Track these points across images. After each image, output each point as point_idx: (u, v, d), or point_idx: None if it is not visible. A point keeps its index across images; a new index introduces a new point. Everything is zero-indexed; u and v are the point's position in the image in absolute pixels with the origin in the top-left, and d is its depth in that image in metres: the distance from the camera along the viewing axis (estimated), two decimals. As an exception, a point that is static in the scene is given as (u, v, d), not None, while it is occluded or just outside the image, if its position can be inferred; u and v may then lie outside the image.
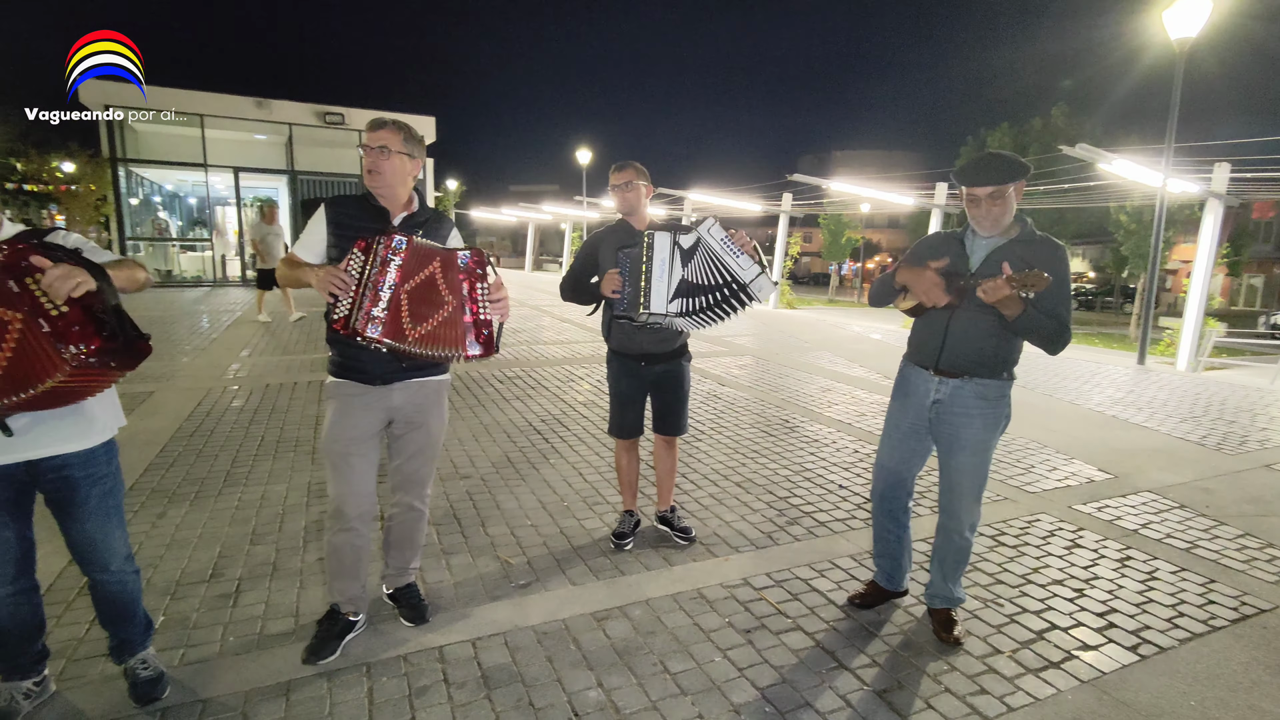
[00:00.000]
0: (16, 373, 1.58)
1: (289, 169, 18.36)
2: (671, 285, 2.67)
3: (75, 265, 1.63)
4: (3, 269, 1.58)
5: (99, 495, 1.94)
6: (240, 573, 2.83)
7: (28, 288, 1.58)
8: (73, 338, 1.58)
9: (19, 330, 1.58)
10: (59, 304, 1.58)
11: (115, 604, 2.05)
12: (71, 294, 1.59)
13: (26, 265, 1.59)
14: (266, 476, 3.93)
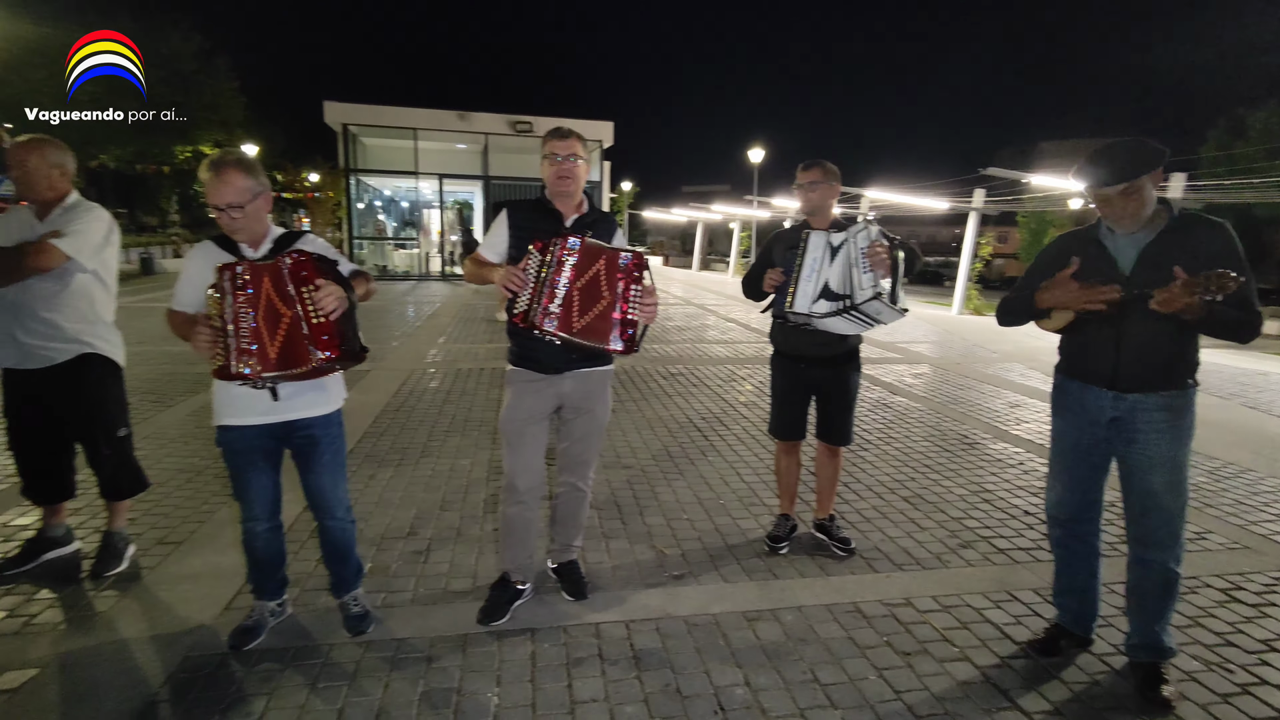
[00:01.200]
0: (286, 356, 1.98)
1: (483, 174, 20.18)
2: (818, 286, 2.62)
3: (337, 285, 2.00)
4: (289, 272, 1.95)
5: (331, 453, 2.31)
6: (431, 534, 3.20)
7: (300, 294, 1.96)
8: (321, 345, 1.96)
9: (287, 325, 1.96)
10: (319, 315, 1.95)
11: (336, 547, 2.42)
12: (330, 314, 1.96)
13: (305, 275, 1.96)
14: (455, 451, 4.38)
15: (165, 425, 4.83)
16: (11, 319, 2.56)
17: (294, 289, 1.96)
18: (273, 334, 2.00)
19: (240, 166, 2.08)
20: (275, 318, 1.99)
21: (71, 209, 2.64)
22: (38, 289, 2.55)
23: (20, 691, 2.08)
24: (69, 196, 2.66)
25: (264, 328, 2.00)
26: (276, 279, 1.99)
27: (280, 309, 1.97)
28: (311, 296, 1.96)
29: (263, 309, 2.00)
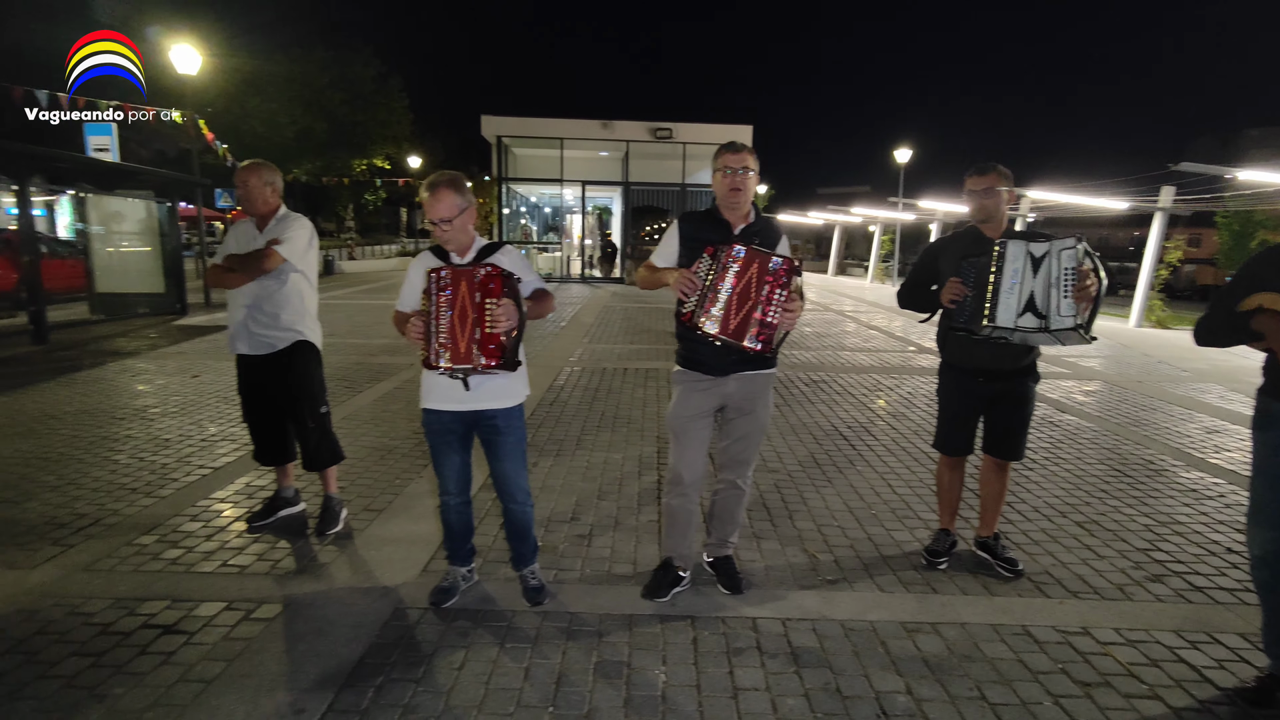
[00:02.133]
0: (470, 351, 2.27)
1: (623, 180, 20.83)
2: (1022, 299, 2.51)
3: (514, 307, 2.27)
4: (479, 282, 2.26)
5: (513, 442, 2.58)
6: (591, 520, 3.44)
7: (483, 304, 2.25)
8: (486, 353, 2.27)
9: (471, 325, 2.25)
10: (492, 327, 2.23)
11: (516, 526, 2.68)
12: (500, 333, 2.24)
13: (492, 288, 2.25)
14: (607, 445, 4.64)
15: (358, 408, 5.50)
16: (245, 313, 3.09)
17: (480, 297, 2.25)
18: (464, 331, 2.29)
19: (451, 186, 2.39)
20: (466, 317, 2.28)
21: (282, 219, 3.12)
22: (263, 287, 3.06)
23: (274, 620, 2.51)
24: (280, 209, 3.16)
25: (457, 325, 2.29)
26: (470, 284, 2.27)
27: (469, 311, 2.26)
28: (491, 311, 2.23)
29: (458, 309, 2.29)
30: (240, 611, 2.57)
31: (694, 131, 20.05)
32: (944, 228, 21.75)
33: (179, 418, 5.14)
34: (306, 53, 26.23)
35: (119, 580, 2.78)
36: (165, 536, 3.17)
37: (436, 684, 2.18)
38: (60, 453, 4.30)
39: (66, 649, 2.32)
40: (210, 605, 2.60)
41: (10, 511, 3.41)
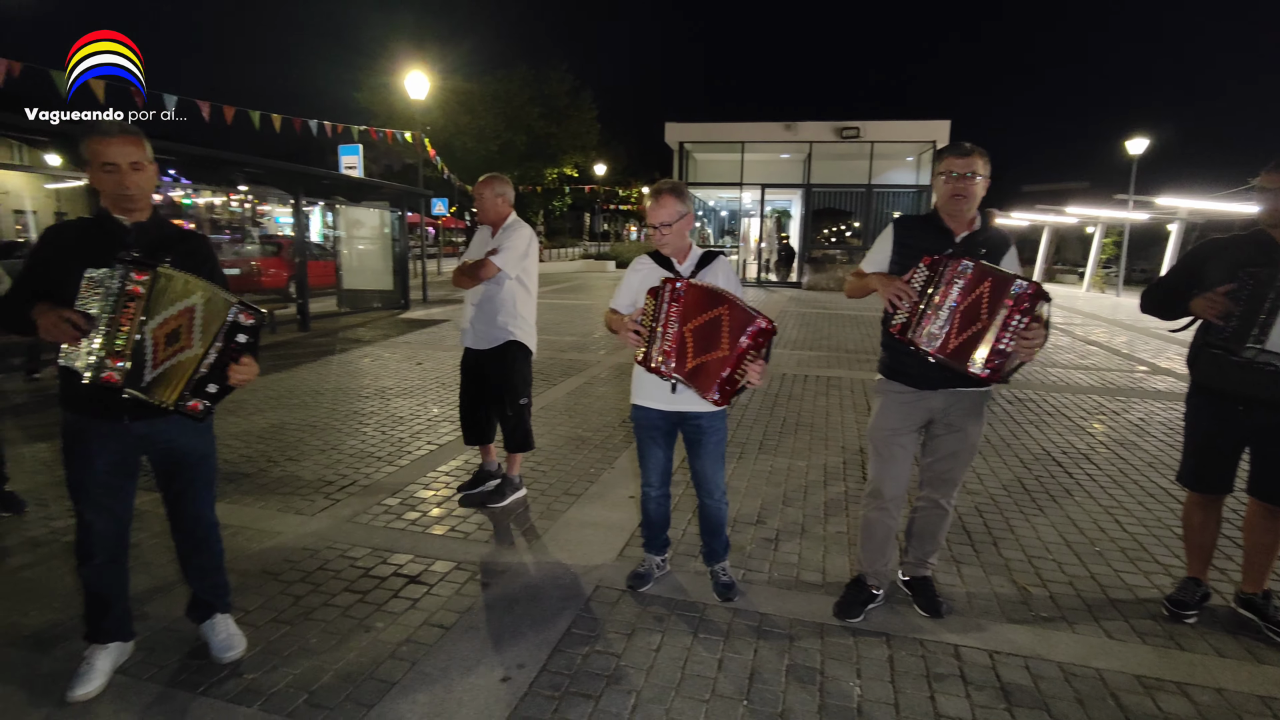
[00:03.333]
0: (699, 368, 2.36)
1: (804, 182, 20.34)
2: None
3: (765, 363, 2.32)
4: (720, 318, 2.33)
5: (714, 443, 2.67)
6: (777, 525, 3.45)
7: (718, 333, 2.31)
8: (721, 392, 2.32)
9: (703, 346, 2.34)
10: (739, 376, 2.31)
11: (712, 522, 2.77)
12: (740, 382, 2.32)
13: (747, 339, 2.29)
14: (789, 451, 4.61)
15: (553, 400, 5.97)
16: (473, 311, 3.52)
17: (714, 328, 2.33)
18: (693, 350, 2.37)
19: (674, 193, 2.53)
20: (701, 332, 2.35)
21: (508, 228, 3.49)
22: (486, 290, 3.47)
23: (494, 584, 2.84)
24: (510, 217, 3.53)
25: (690, 338, 2.38)
26: (704, 297, 2.36)
27: (703, 332, 2.34)
28: (747, 365, 2.30)
29: (696, 322, 2.38)
30: (468, 572, 2.93)
31: (883, 130, 19.07)
32: (1189, 229, 18.61)
33: (409, 398, 5.93)
34: (510, 73, 28.79)
35: (374, 533, 3.29)
36: (405, 500, 3.70)
37: (636, 661, 2.33)
38: (324, 422, 5.16)
39: (340, 584, 2.81)
40: (443, 563, 3.00)
41: (292, 469, 4.16)
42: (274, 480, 3.94)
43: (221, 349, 1.95)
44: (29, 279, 2.02)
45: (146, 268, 1.93)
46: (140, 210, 2.07)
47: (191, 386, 1.93)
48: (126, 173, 1.99)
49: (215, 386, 1.95)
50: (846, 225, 53.75)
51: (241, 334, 1.96)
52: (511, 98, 28.09)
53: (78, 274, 1.93)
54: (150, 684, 2.18)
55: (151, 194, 2.12)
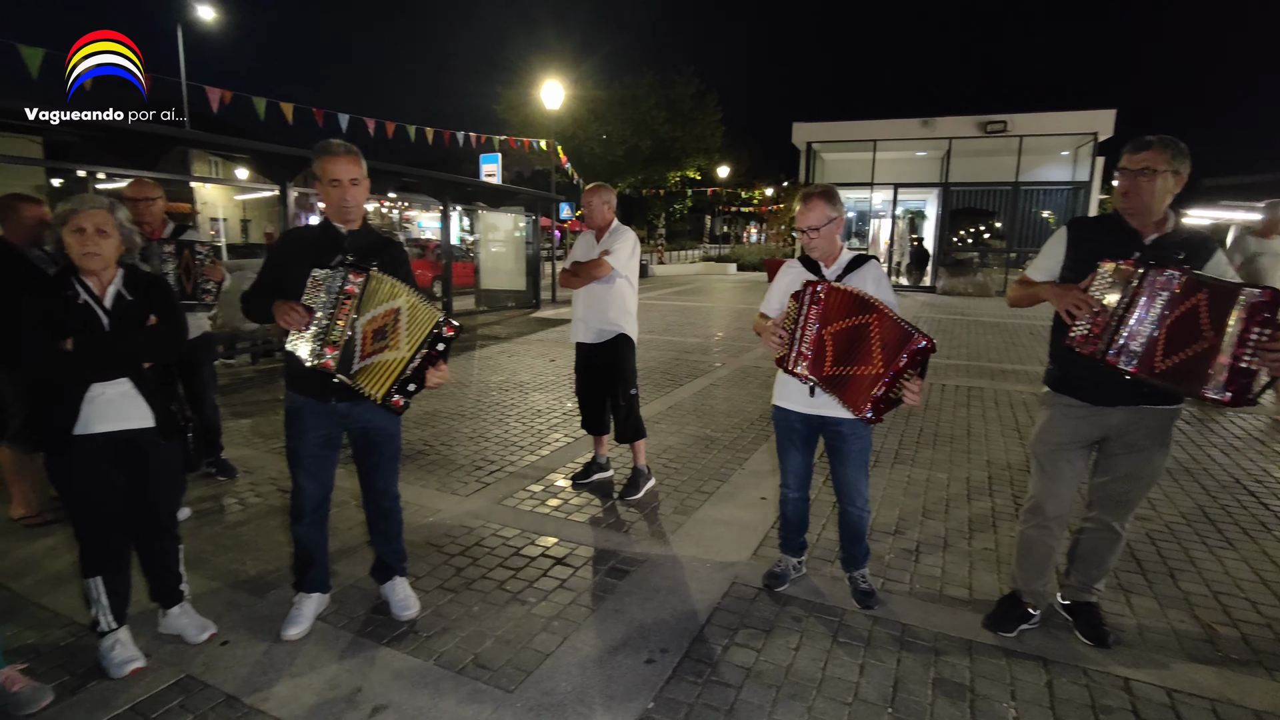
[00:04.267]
0: (838, 368, 2.34)
1: (941, 181, 19.22)
2: None
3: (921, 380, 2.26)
4: (844, 313, 2.33)
5: (856, 450, 2.64)
6: (917, 537, 3.34)
7: (858, 334, 2.30)
8: (873, 407, 2.25)
9: (846, 352, 2.33)
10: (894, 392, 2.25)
11: (853, 529, 2.74)
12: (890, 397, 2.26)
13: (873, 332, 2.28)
14: (928, 462, 4.42)
15: (680, 400, 6.08)
16: (584, 309, 3.75)
17: (853, 325, 2.32)
18: (831, 350, 2.36)
19: (824, 197, 2.53)
20: (843, 338, 2.35)
21: (614, 232, 3.74)
22: (596, 289, 3.70)
23: (635, 572, 2.97)
24: (614, 223, 3.78)
25: (830, 342, 2.39)
26: (847, 302, 2.36)
27: (845, 338, 2.34)
28: (906, 383, 2.23)
29: (836, 326, 2.38)
30: (609, 558, 3.09)
31: (1034, 122, 17.60)
32: None
33: (544, 393, 6.27)
34: (637, 79, 29.42)
35: (521, 516, 3.54)
36: (547, 488, 3.94)
37: (776, 658, 2.37)
38: (471, 412, 5.58)
39: (494, 560, 3.06)
40: (586, 548, 3.18)
41: (447, 452, 4.55)
42: (431, 463, 4.33)
43: (425, 355, 2.19)
44: (268, 274, 2.39)
45: (362, 270, 2.23)
46: (355, 220, 2.38)
47: (398, 385, 2.20)
48: (347, 188, 2.30)
49: (414, 386, 2.21)
50: (986, 226, 50.11)
51: (440, 343, 2.21)
52: (638, 103, 28.69)
53: (303, 273, 2.26)
54: (344, 632, 2.50)
55: (364, 206, 2.43)
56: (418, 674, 2.26)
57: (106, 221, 2.11)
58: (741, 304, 14.85)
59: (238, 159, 13.21)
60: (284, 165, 7.91)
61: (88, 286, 2.13)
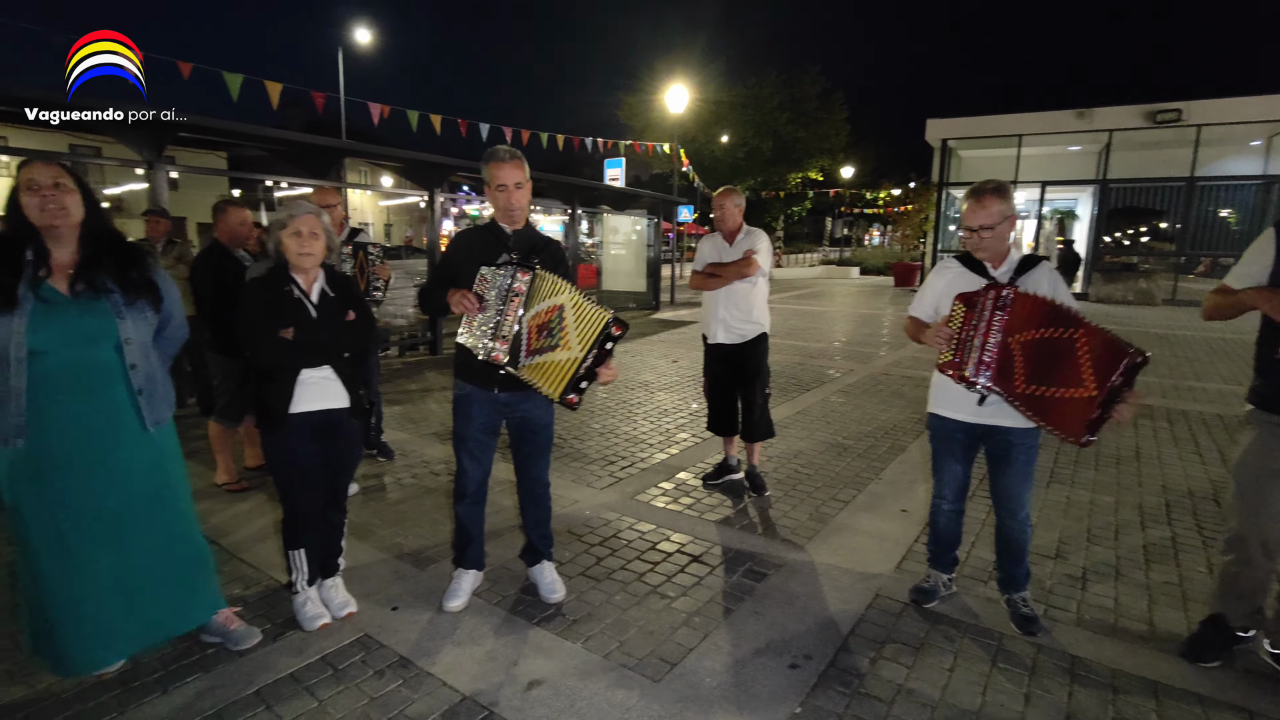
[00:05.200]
0: (1037, 373, 2.18)
1: (1098, 178, 17.50)
2: None
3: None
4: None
5: (1024, 462, 2.47)
6: (1082, 563, 3.07)
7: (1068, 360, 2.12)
8: (1075, 428, 2.10)
9: (1039, 368, 2.17)
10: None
11: (1012, 546, 2.57)
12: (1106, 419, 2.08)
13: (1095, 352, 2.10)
14: (1090, 484, 4.05)
15: (808, 405, 5.94)
16: (723, 309, 3.75)
17: (1060, 345, 2.14)
18: (1023, 363, 2.22)
19: (998, 193, 2.38)
20: (1037, 351, 2.20)
21: (750, 233, 3.74)
22: (737, 289, 3.71)
23: (773, 575, 2.94)
24: (744, 226, 3.78)
25: (1019, 354, 2.23)
26: (1038, 311, 2.21)
27: (1046, 335, 2.17)
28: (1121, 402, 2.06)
29: (1026, 337, 2.23)
30: (746, 560, 3.08)
31: (1215, 110, 15.61)
32: None
33: (670, 393, 6.34)
34: (760, 80, 29.04)
35: (655, 512, 3.61)
36: (679, 486, 3.99)
37: (929, 677, 2.26)
38: (600, 409, 5.75)
39: (632, 553, 3.13)
40: (721, 548, 3.19)
41: (579, 446, 4.72)
42: (565, 455, 4.50)
43: (596, 355, 2.30)
44: (442, 270, 2.59)
45: (528, 269, 2.37)
46: (520, 221, 2.53)
47: (572, 385, 2.32)
48: (512, 191, 2.45)
49: (587, 384, 2.33)
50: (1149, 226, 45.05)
51: (610, 342, 2.31)
52: (761, 104, 28.34)
53: (472, 270, 2.43)
54: (497, 609, 2.65)
55: (528, 207, 2.57)
56: (568, 655, 2.36)
57: (317, 225, 2.38)
58: (866, 309, 14.28)
59: (386, 166, 14.37)
60: (433, 172, 8.54)
61: (298, 283, 2.41)
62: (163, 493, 2.18)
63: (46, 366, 1.93)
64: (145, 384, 2.10)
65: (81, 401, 1.99)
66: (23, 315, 1.89)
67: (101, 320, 2.02)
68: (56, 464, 1.98)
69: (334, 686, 2.18)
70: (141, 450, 2.11)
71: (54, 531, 1.99)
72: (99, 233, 2.08)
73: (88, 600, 2.04)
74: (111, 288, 2.04)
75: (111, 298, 2.04)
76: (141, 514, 2.11)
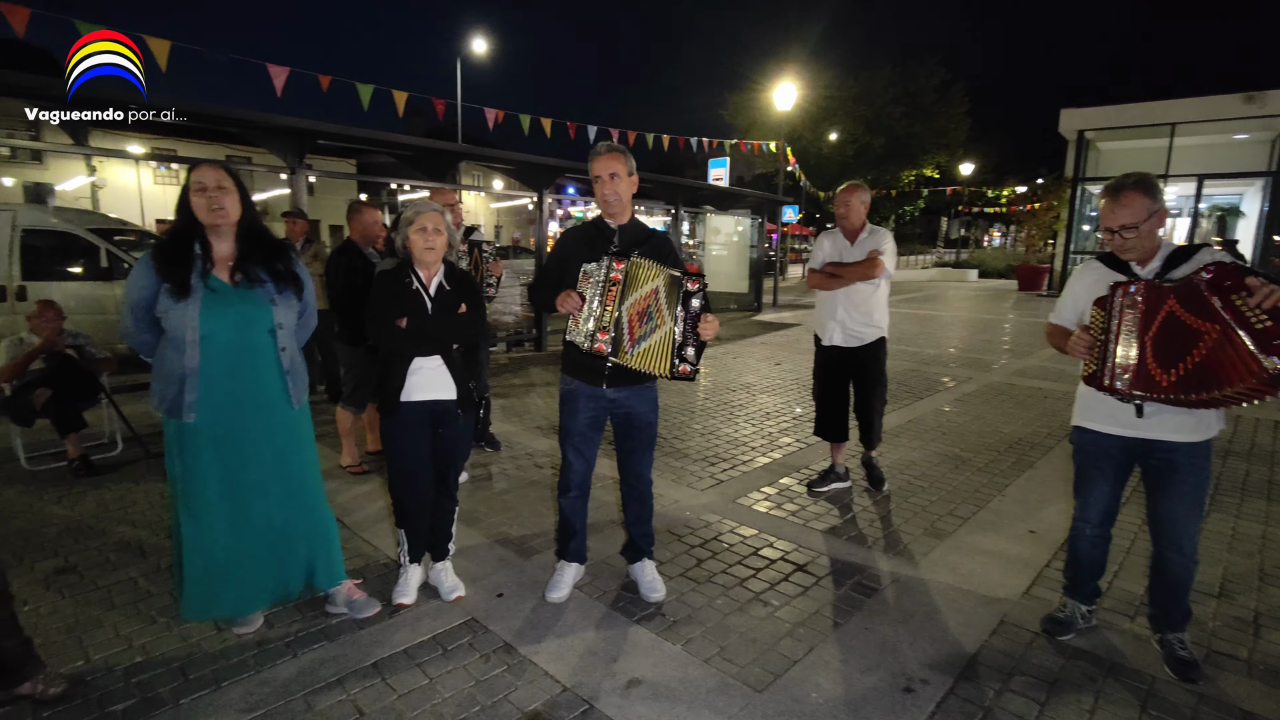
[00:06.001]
0: (1197, 376, 1.91)
1: (1270, 169, 15.46)
2: None
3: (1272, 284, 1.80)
4: (1209, 285, 1.90)
5: (1192, 484, 2.18)
6: (1254, 605, 2.69)
7: (1232, 304, 1.84)
8: (1275, 350, 1.75)
9: (1209, 344, 1.88)
10: (1263, 318, 1.78)
11: (1173, 581, 2.27)
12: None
13: (1229, 284, 1.86)
14: (1262, 516, 3.55)
15: (921, 415, 5.60)
16: (842, 311, 3.60)
17: (1220, 301, 1.87)
18: (1171, 354, 1.97)
19: (1141, 188, 2.11)
20: (1182, 338, 1.95)
21: (874, 233, 3.59)
22: (859, 290, 3.57)
23: (883, 591, 2.77)
24: (866, 223, 3.63)
25: (1153, 348, 2.00)
26: (1188, 297, 1.95)
27: (1197, 326, 1.92)
28: (1245, 302, 1.81)
29: (1156, 329, 2.00)
30: (854, 572, 2.92)
31: None
32: None
33: (773, 395, 6.18)
34: (873, 74, 27.87)
35: (758, 517, 3.51)
36: (782, 491, 3.86)
37: (1066, 716, 2.04)
38: (701, 409, 5.69)
39: (734, 557, 3.06)
40: (827, 558, 3.05)
41: (679, 445, 4.68)
42: (665, 454, 4.48)
43: (684, 316, 2.32)
44: (550, 269, 2.63)
45: (623, 258, 2.37)
46: (621, 214, 2.53)
47: (676, 355, 2.33)
48: (607, 182, 2.46)
49: (692, 350, 2.32)
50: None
51: (693, 299, 2.32)
52: (873, 99, 27.22)
53: (577, 267, 2.45)
54: (598, 603, 2.66)
55: (629, 200, 2.56)
56: (668, 656, 2.32)
57: (441, 222, 2.48)
58: (985, 314, 13.36)
59: (497, 169, 15.00)
60: (542, 173, 8.79)
61: (419, 276, 2.52)
62: (300, 467, 2.37)
63: (212, 348, 2.13)
64: (291, 365, 2.30)
65: (241, 380, 2.20)
66: (195, 302, 2.11)
67: (258, 307, 2.22)
68: (217, 437, 2.19)
69: (443, 666, 2.26)
70: (286, 427, 2.31)
71: (208, 498, 2.20)
72: (252, 229, 2.27)
73: (235, 560, 2.25)
74: (264, 278, 2.24)
75: (265, 287, 2.24)
76: (282, 485, 2.31)
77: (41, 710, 2.02)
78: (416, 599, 2.64)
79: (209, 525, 2.22)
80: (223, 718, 2.01)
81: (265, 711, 2.03)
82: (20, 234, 6.39)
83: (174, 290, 2.10)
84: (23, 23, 5.34)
